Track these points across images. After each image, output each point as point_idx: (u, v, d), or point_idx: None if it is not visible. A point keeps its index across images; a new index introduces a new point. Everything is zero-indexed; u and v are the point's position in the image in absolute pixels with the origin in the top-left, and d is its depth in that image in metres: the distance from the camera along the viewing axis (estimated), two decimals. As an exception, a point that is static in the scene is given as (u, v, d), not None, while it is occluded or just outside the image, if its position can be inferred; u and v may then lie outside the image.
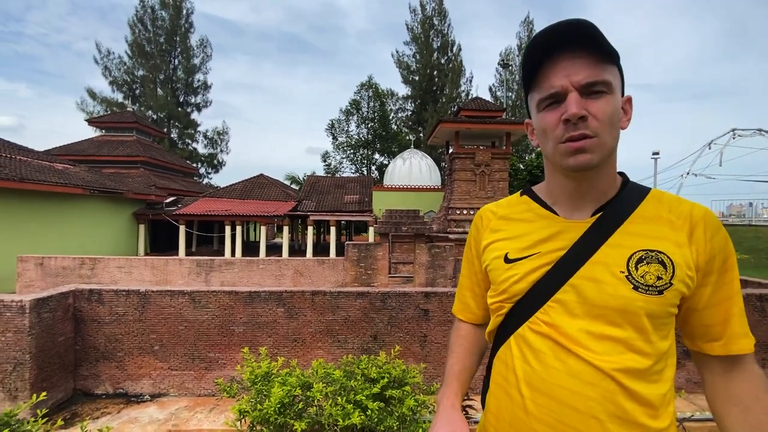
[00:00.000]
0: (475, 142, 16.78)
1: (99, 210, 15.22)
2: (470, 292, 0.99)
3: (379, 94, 36.62)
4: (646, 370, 0.68)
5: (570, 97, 0.70)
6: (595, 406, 0.67)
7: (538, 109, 0.76)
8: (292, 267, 10.73)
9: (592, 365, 0.69)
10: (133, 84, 32.70)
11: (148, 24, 32.21)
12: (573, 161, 0.72)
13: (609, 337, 0.69)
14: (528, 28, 33.42)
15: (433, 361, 4.89)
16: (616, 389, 0.67)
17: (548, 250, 0.77)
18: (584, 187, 0.77)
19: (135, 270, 10.69)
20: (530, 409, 0.73)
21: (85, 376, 5.31)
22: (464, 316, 1.01)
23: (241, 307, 5.13)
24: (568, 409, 0.69)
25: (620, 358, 0.68)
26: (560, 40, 0.70)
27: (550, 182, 0.83)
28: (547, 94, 0.72)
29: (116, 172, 19.43)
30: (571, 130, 0.70)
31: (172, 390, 5.26)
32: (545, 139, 0.76)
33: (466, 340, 1.00)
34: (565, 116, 0.70)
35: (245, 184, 20.51)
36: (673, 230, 0.71)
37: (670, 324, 0.71)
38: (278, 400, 2.92)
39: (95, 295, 5.29)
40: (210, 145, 37.02)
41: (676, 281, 0.68)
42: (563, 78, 0.70)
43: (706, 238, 0.71)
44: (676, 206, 0.74)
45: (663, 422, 0.69)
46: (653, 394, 0.68)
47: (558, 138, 0.72)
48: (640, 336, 0.68)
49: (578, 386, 0.69)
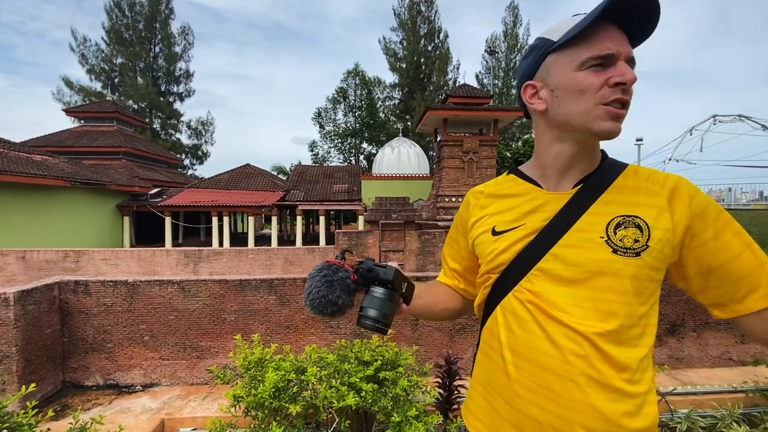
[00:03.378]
0: (462, 129, 16.80)
1: (81, 202, 14.85)
2: (450, 268, 1.05)
3: (366, 82, 36.22)
4: (624, 333, 0.70)
5: (623, 63, 0.71)
6: (572, 370, 0.69)
7: (580, 66, 0.73)
8: (282, 256, 10.69)
9: (571, 329, 0.70)
10: (112, 72, 31.64)
11: (126, 9, 31.02)
12: (609, 125, 0.73)
13: (588, 301, 0.71)
14: (513, 14, 33.23)
15: (425, 344, 4.97)
16: (594, 353, 0.69)
17: (533, 221, 0.80)
18: (580, 156, 0.79)
19: (121, 262, 10.52)
20: (511, 373, 0.75)
21: (75, 368, 5.24)
22: (443, 280, 1.07)
23: (232, 296, 5.11)
24: (548, 373, 0.71)
25: (599, 323, 0.70)
26: (632, 11, 0.70)
27: (544, 153, 0.84)
28: (602, 53, 0.71)
29: (97, 163, 18.92)
30: (621, 94, 0.71)
31: (164, 380, 5.24)
32: (580, 98, 0.74)
33: (437, 285, 1.07)
34: (621, 79, 0.70)
35: (231, 174, 20.21)
36: (650, 196, 0.74)
37: (650, 289, 0.72)
38: (273, 384, 2.94)
39: (81, 286, 5.20)
40: (194, 136, 36.25)
41: (653, 243, 0.70)
42: (618, 45, 0.71)
43: (685, 199, 0.73)
44: (653, 176, 0.77)
45: (640, 387, 0.70)
46: (630, 358, 0.70)
47: (602, 99, 0.72)
48: (620, 299, 0.70)
49: (557, 351, 0.71)
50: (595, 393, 0.68)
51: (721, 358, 5.07)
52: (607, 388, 0.68)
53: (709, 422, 3.50)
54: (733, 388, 4.17)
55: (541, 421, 0.71)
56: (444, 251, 1.07)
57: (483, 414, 0.82)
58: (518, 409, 0.74)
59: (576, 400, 0.69)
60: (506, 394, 0.77)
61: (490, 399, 0.81)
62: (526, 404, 0.73)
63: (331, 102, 36.87)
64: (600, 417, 0.68)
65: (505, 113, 15.76)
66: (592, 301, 0.71)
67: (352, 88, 36.40)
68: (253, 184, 19.25)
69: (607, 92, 0.71)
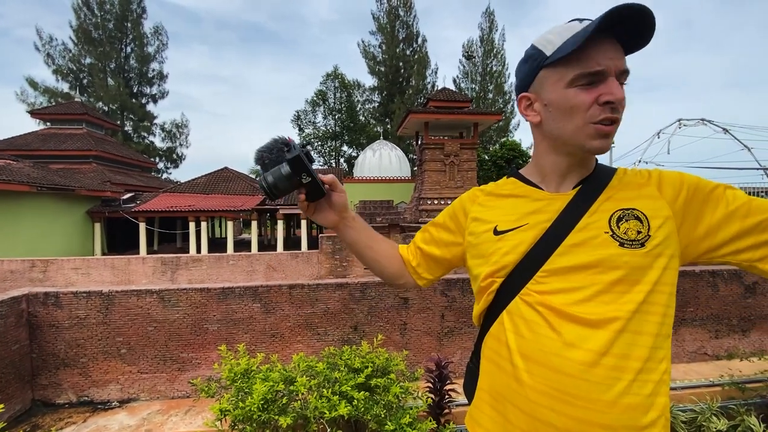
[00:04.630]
0: (443, 132, 16.98)
1: (48, 209, 14.15)
2: (416, 246, 1.04)
3: (345, 85, 36.16)
4: (640, 325, 0.69)
5: (612, 80, 0.71)
6: (587, 369, 0.68)
7: (569, 84, 0.74)
8: (264, 262, 10.47)
9: (586, 326, 0.70)
10: (80, 73, 30.40)
11: (95, 8, 29.90)
12: (599, 143, 0.74)
13: (602, 296, 0.71)
14: (489, 19, 33.88)
15: (414, 348, 4.95)
16: (609, 349, 0.68)
17: (536, 221, 0.80)
18: (575, 165, 0.81)
19: (93, 271, 10.05)
20: (524, 379, 0.74)
21: (45, 386, 4.95)
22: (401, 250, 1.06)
23: (215, 305, 4.94)
24: (563, 375, 0.70)
25: (613, 317, 0.69)
26: (623, 22, 0.69)
27: (542, 161, 0.85)
28: (591, 71, 0.72)
29: (66, 168, 18.10)
30: (609, 113, 0.72)
31: (142, 394, 5.01)
32: (570, 116, 0.75)
33: (387, 242, 1.07)
34: (610, 98, 0.71)
35: (209, 178, 19.74)
36: (641, 189, 0.77)
37: (663, 277, 0.72)
38: (261, 396, 2.85)
39: (52, 298, 4.92)
40: (168, 139, 35.22)
41: (653, 231, 0.71)
42: (608, 60, 0.71)
43: (674, 181, 0.76)
44: (639, 173, 0.81)
45: (654, 376, 0.69)
46: (646, 348, 0.70)
47: (591, 118, 0.73)
48: (633, 290, 0.70)
49: (571, 351, 0.70)
50: (609, 390, 0.67)
51: (697, 353, 5.27)
52: (623, 383, 0.67)
53: (689, 416, 3.62)
54: (710, 382, 4.33)
55: (557, 425, 0.70)
56: (417, 235, 1.07)
57: (491, 424, 0.80)
58: (533, 415, 0.73)
59: (592, 400, 0.68)
60: (519, 402, 0.75)
61: (499, 408, 0.79)
62: (542, 410, 0.71)
63: (310, 104, 36.62)
64: (617, 413, 0.67)
65: (484, 117, 16.05)
66: (606, 296, 0.70)
67: (331, 91, 36.27)
68: (231, 188, 18.85)
69: (596, 111, 0.72)
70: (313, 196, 0.92)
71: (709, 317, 5.28)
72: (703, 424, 3.52)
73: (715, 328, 5.29)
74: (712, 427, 3.41)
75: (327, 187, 0.93)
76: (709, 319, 5.28)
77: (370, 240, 1.04)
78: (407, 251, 1.05)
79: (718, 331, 5.30)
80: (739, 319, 5.35)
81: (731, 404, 3.83)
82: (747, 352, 5.10)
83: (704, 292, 5.19)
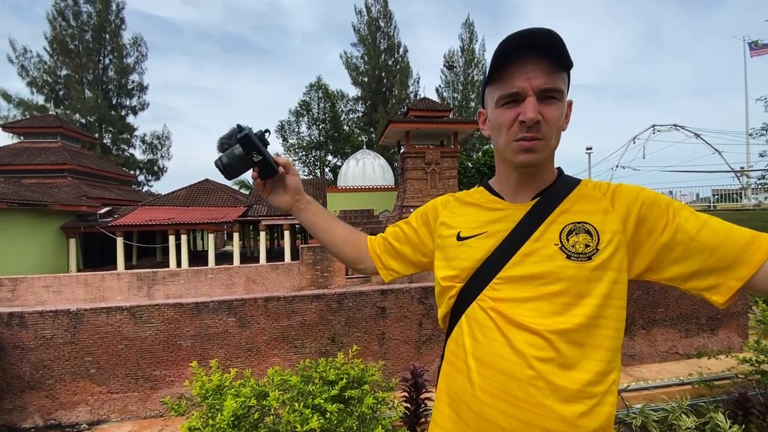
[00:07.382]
0: (424, 141, 17.15)
1: (19, 225, 13.67)
2: (383, 237, 1.08)
3: (329, 95, 36.25)
4: (584, 335, 0.71)
5: (529, 101, 0.74)
6: (532, 374, 0.70)
7: (496, 104, 0.79)
8: (244, 275, 10.30)
9: (532, 333, 0.72)
10: (56, 85, 29.70)
11: (70, 19, 29.34)
12: (522, 158, 0.78)
13: (548, 305, 0.73)
14: (469, 30, 34.65)
15: (392, 358, 4.92)
16: (553, 356, 0.71)
17: (495, 230, 0.83)
18: (526, 178, 0.84)
19: (65, 288, 9.71)
20: (475, 381, 0.76)
21: (9, 410, 4.73)
22: (372, 244, 1.08)
23: (188, 320, 4.83)
24: (509, 379, 0.72)
25: (558, 327, 0.71)
26: (529, 44, 0.73)
27: (499, 172, 0.90)
28: (508, 92, 0.76)
29: (39, 182, 17.55)
30: (525, 132, 0.75)
31: (113, 415, 4.83)
32: (499, 133, 0.81)
33: (351, 229, 1.11)
34: (522, 118, 0.74)
35: (189, 191, 19.40)
36: (596, 202, 0.79)
37: (610, 290, 0.73)
38: (231, 412, 2.79)
39: (16, 318, 4.73)
40: (149, 151, 34.61)
41: (602, 245, 0.73)
42: (525, 80, 0.74)
43: (629, 197, 0.78)
44: (598, 185, 0.83)
45: (598, 388, 0.71)
46: (590, 359, 0.71)
47: (513, 135, 0.78)
48: (578, 302, 0.72)
49: (518, 356, 0.72)
50: (553, 396, 0.69)
51: (668, 353, 5.39)
52: (565, 391, 0.69)
53: (661, 415, 3.69)
54: (681, 381, 4.43)
55: (504, 426, 0.72)
56: (388, 229, 1.10)
57: (449, 423, 0.82)
58: (482, 415, 0.75)
59: (536, 404, 0.70)
60: (471, 402, 0.77)
61: (455, 407, 0.81)
62: (490, 410, 0.74)
63: (294, 115, 36.52)
64: (558, 419, 0.69)
65: (464, 126, 16.29)
66: (552, 306, 0.73)
67: (315, 101, 36.29)
68: (213, 200, 18.56)
69: (516, 129, 0.77)
70: (265, 174, 0.97)
71: (679, 317, 5.41)
72: (674, 423, 3.59)
73: (685, 327, 5.42)
74: (682, 425, 3.48)
75: (281, 169, 0.98)
76: (680, 318, 5.41)
77: (326, 224, 1.08)
78: (374, 241, 1.09)
79: (688, 331, 5.43)
80: (707, 318, 5.50)
81: (701, 402, 3.92)
82: (715, 350, 5.25)
83: (673, 293, 5.33)
